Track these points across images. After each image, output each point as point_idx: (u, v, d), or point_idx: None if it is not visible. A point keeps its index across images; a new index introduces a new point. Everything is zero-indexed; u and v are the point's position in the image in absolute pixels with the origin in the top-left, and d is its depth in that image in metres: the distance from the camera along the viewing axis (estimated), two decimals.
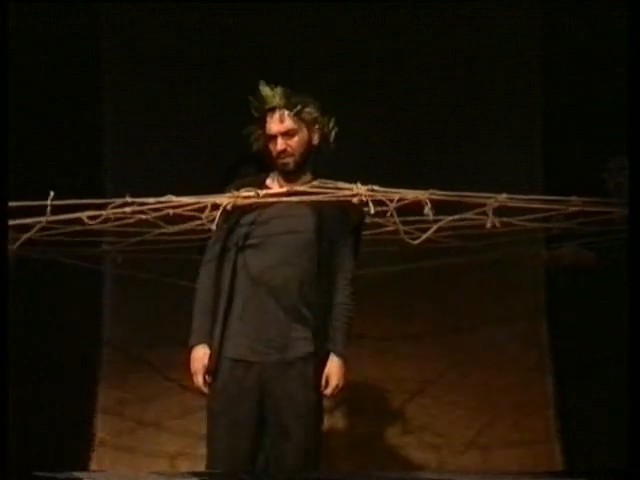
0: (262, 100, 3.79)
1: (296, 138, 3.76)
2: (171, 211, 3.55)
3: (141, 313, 5.03)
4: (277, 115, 3.76)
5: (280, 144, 3.74)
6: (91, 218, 3.51)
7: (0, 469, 3.42)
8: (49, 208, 3.43)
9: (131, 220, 3.57)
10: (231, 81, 4.93)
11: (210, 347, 3.73)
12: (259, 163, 4.56)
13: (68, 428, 4.91)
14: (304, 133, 3.77)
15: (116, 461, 4.97)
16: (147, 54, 5.16)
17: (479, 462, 4.98)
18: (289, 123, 3.75)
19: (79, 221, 3.53)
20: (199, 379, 3.73)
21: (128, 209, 3.51)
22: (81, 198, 3.59)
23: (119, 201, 3.52)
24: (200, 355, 3.73)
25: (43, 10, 4.82)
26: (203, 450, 3.87)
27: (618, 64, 4.10)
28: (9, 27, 3.76)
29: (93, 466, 4.93)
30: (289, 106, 3.76)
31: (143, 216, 3.53)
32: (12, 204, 3.42)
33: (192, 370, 3.74)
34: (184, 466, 4.84)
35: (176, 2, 5.06)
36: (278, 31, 5.11)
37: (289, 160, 3.75)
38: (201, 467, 3.93)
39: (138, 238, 3.99)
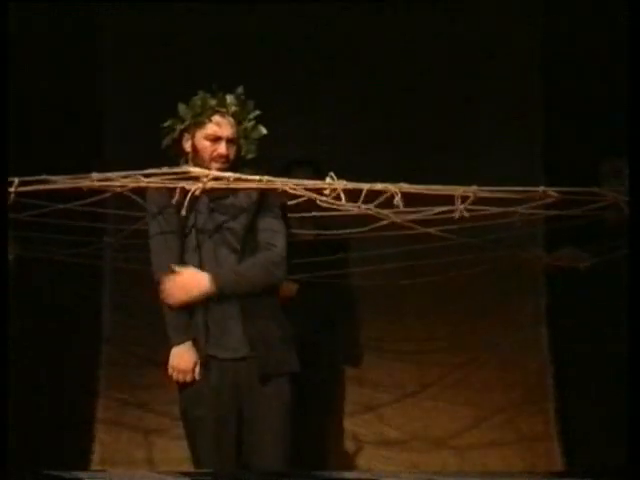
0: (221, 102, 3.78)
1: (235, 147, 3.78)
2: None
3: (141, 311, 5.02)
4: (228, 120, 3.77)
5: (224, 148, 3.73)
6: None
7: (0, 469, 3.42)
8: (15, 189, 3.44)
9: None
10: (231, 80, 4.92)
11: (194, 341, 3.71)
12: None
13: (68, 428, 4.91)
14: (238, 143, 3.79)
15: (116, 461, 4.97)
16: (147, 52, 5.17)
17: (479, 462, 4.99)
18: (235, 131, 3.77)
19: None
20: (189, 376, 3.70)
21: (95, 178, 3.51)
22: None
23: (84, 176, 3.53)
24: (190, 352, 3.70)
25: (43, 9, 4.83)
26: None
27: (619, 63, 4.10)
28: (9, 26, 3.78)
29: (93, 466, 4.94)
30: (239, 115, 3.78)
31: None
32: None
33: (182, 368, 3.70)
34: (185, 464, 4.84)
35: (176, 2, 5.06)
36: (277, 30, 5.12)
37: (226, 166, 3.73)
38: None
39: (133, 227, 4.01)
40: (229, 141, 3.75)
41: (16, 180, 3.45)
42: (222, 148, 3.74)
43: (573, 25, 5.00)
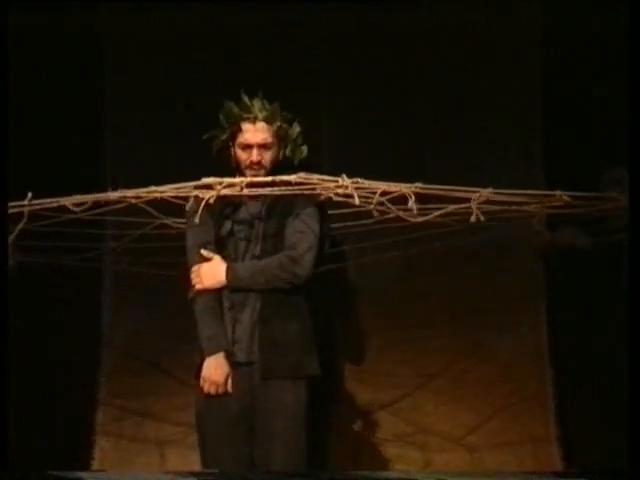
0: (245, 109, 3.78)
1: (270, 152, 3.77)
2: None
3: (142, 313, 5.02)
4: (257, 126, 3.77)
5: (255, 155, 3.74)
6: (77, 206, 3.52)
7: (1, 469, 3.43)
8: (26, 210, 3.44)
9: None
10: (232, 80, 4.92)
11: (226, 353, 3.72)
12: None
13: (69, 430, 4.90)
14: (277, 147, 3.78)
15: (117, 463, 4.96)
16: (148, 54, 5.16)
17: (478, 463, 4.98)
18: (267, 136, 3.76)
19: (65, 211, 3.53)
20: (222, 389, 3.70)
21: (113, 196, 3.53)
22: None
23: (101, 195, 3.54)
24: (222, 363, 3.70)
25: (43, 9, 4.82)
26: None
27: (619, 63, 4.10)
28: (9, 26, 3.78)
29: (94, 467, 4.93)
30: (270, 119, 3.76)
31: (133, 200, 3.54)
32: None
33: (214, 379, 3.69)
34: (185, 464, 4.84)
35: (177, 2, 5.06)
36: (278, 30, 5.11)
37: (261, 172, 3.74)
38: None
39: (139, 231, 4.03)
40: (261, 147, 3.75)
41: (29, 194, 3.47)
42: (253, 155, 3.74)
43: (574, 26, 5.00)
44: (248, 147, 3.75)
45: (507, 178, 4.93)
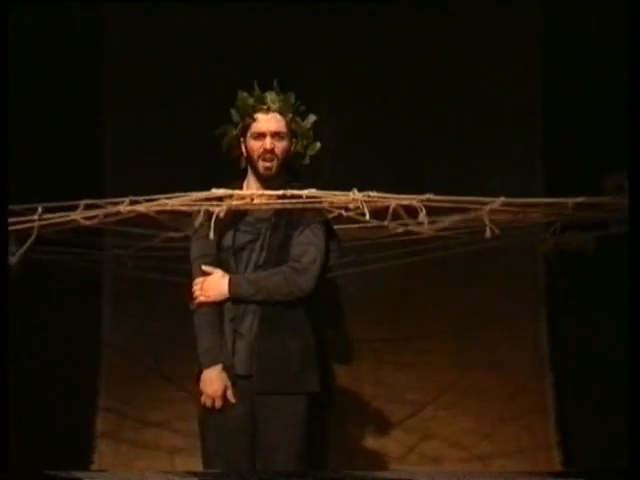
0: (259, 99, 3.78)
1: (283, 143, 3.74)
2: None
3: (142, 315, 5.02)
4: (270, 115, 3.76)
5: (269, 143, 3.71)
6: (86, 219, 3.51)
7: (1, 469, 3.43)
8: (37, 223, 3.43)
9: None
10: (232, 80, 4.92)
11: (224, 366, 3.69)
12: None
13: (68, 433, 4.90)
14: (289, 140, 3.77)
15: (116, 468, 4.96)
16: (148, 53, 5.16)
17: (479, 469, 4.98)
18: (281, 125, 3.75)
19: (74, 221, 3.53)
20: (219, 402, 3.67)
21: (122, 209, 3.52)
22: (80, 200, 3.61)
23: (112, 209, 3.53)
24: (220, 376, 3.67)
25: (44, 8, 4.82)
26: None
27: (619, 63, 4.10)
28: (9, 26, 3.78)
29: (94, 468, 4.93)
30: (284, 110, 3.76)
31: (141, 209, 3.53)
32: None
33: (210, 392, 3.67)
34: (185, 465, 4.84)
35: (178, 2, 5.06)
36: (279, 32, 5.11)
37: (273, 164, 3.72)
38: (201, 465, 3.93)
39: (145, 244, 4.04)
40: (274, 135, 3.72)
41: (39, 209, 3.46)
42: (266, 143, 3.71)
43: (574, 24, 5.00)
44: (261, 135, 3.73)
45: (507, 179, 5.00)
